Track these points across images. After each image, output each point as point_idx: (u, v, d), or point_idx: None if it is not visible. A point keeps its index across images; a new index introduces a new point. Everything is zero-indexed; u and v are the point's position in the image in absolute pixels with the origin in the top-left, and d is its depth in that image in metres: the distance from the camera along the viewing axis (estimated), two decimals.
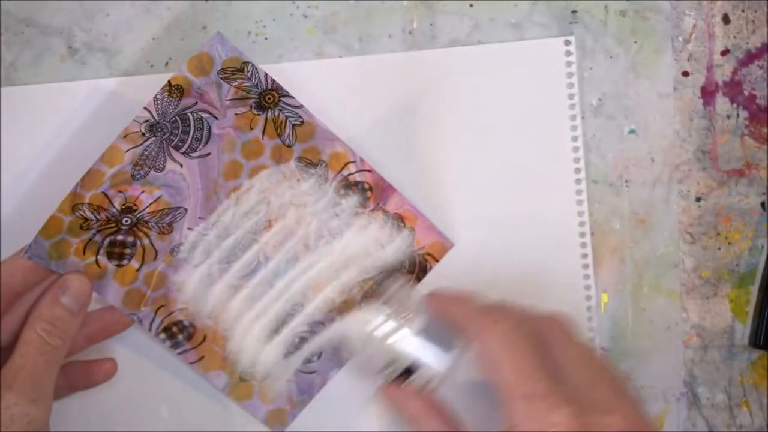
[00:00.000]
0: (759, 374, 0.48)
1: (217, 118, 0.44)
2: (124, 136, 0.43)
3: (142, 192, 0.43)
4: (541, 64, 0.46)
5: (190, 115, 0.43)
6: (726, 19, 0.47)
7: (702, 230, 0.47)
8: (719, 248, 0.48)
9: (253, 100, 0.44)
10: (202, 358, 0.44)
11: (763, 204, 0.48)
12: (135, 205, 0.43)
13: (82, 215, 0.43)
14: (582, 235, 0.46)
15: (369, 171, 0.45)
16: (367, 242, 0.45)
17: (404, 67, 0.46)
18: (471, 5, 0.46)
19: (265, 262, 0.44)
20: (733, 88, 0.47)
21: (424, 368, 0.42)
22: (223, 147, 0.44)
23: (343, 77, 0.46)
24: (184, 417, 0.46)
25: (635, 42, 0.47)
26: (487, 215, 0.46)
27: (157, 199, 0.43)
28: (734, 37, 0.47)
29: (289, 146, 0.44)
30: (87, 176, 0.43)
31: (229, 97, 0.44)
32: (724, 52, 0.47)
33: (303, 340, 0.45)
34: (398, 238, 0.45)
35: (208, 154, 0.44)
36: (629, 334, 0.47)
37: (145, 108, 0.43)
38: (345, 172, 0.45)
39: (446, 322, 0.42)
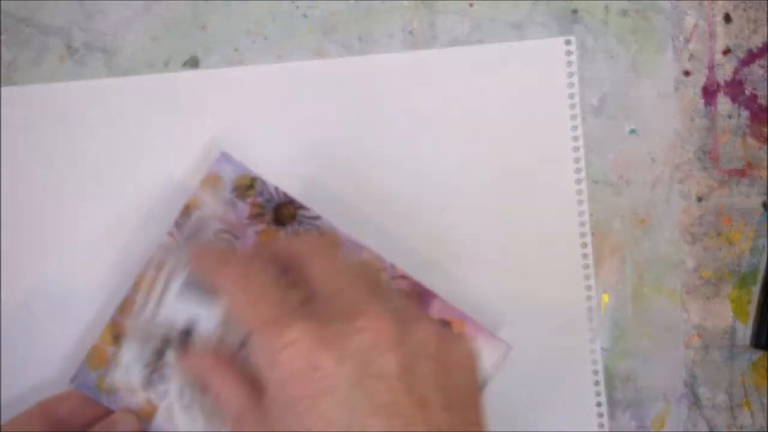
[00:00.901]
0: (760, 375, 0.48)
1: (238, 239, 0.42)
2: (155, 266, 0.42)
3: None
4: (541, 64, 0.46)
5: (213, 237, 0.42)
6: (727, 19, 0.47)
7: (703, 230, 0.47)
8: (720, 248, 0.47)
9: (270, 215, 0.43)
10: None
11: (764, 204, 0.47)
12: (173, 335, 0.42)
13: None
14: (582, 235, 0.46)
15: (403, 278, 0.43)
16: None
17: (404, 67, 0.46)
18: (471, 5, 0.46)
19: None
20: (734, 87, 0.47)
21: (201, 325, 0.40)
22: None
23: (343, 77, 0.46)
24: None
25: (636, 42, 0.47)
26: (487, 215, 0.46)
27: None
28: (735, 36, 0.47)
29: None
30: (125, 303, 0.42)
31: (246, 215, 0.43)
32: (726, 52, 0.47)
33: None
34: None
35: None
36: (629, 335, 0.47)
37: (169, 233, 0.42)
38: None
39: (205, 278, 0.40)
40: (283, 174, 0.44)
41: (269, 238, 0.42)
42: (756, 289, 0.47)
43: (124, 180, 0.46)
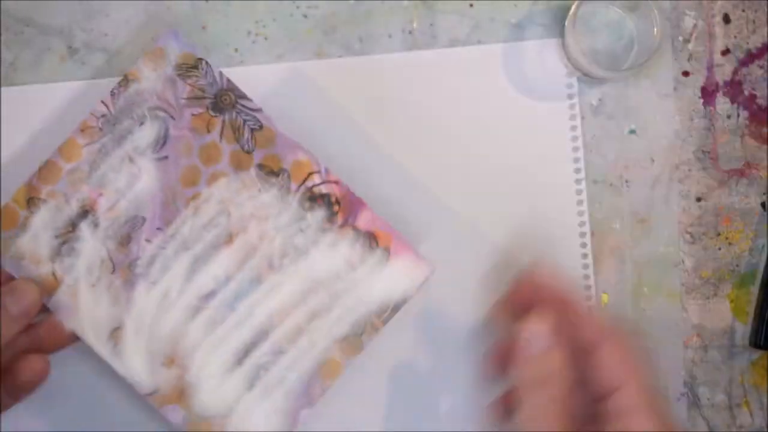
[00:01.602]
0: (759, 374, 0.48)
1: (174, 119, 0.42)
2: (82, 130, 0.42)
3: (100, 195, 0.42)
4: (540, 65, 0.46)
5: (147, 113, 0.42)
6: (726, 19, 0.47)
7: (702, 230, 0.47)
8: (719, 248, 0.48)
9: (209, 100, 0.42)
10: (156, 390, 0.41)
11: (763, 204, 0.48)
12: (93, 208, 0.42)
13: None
14: (582, 235, 0.46)
15: (335, 183, 0.42)
16: (337, 263, 0.42)
17: (404, 67, 0.46)
18: (471, 5, 0.46)
19: (226, 281, 0.42)
20: (733, 87, 0.47)
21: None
22: (180, 150, 0.42)
23: (343, 77, 0.46)
24: None
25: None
26: (487, 215, 0.46)
27: (115, 204, 0.42)
28: (735, 36, 0.47)
29: (248, 152, 0.42)
30: (45, 168, 0.41)
31: (184, 96, 0.42)
32: (725, 52, 0.47)
33: (267, 372, 0.42)
34: (371, 258, 0.42)
35: (166, 157, 0.42)
36: (629, 334, 0.47)
37: (102, 102, 0.42)
38: (309, 183, 0.42)
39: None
40: None
41: (204, 123, 0.42)
42: (755, 289, 0.48)
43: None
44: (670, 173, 0.47)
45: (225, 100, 0.42)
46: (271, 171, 0.42)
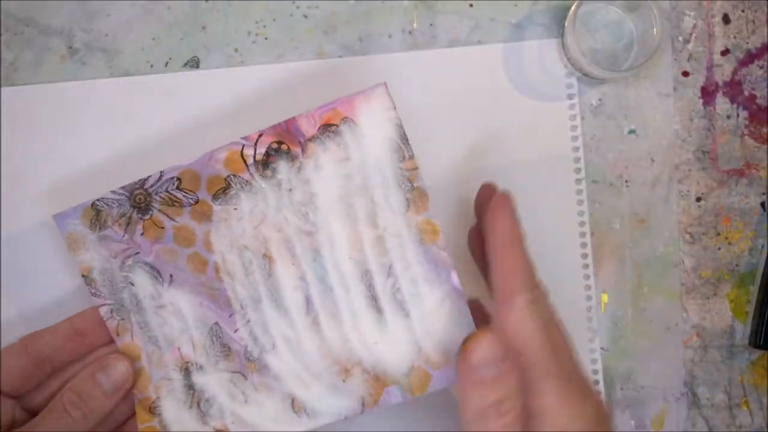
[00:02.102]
0: (759, 374, 0.48)
1: (140, 252, 0.41)
2: (118, 334, 0.42)
3: (178, 349, 0.42)
4: (540, 65, 0.46)
5: (121, 273, 0.42)
6: (726, 19, 0.47)
7: (702, 230, 0.47)
8: (719, 248, 0.48)
9: (135, 212, 0.41)
10: (361, 401, 0.41)
11: (763, 204, 0.48)
12: (186, 362, 0.42)
13: None
14: (582, 235, 0.46)
15: (261, 135, 0.41)
16: (331, 172, 0.41)
17: (404, 67, 0.46)
18: (471, 5, 0.46)
19: (303, 282, 0.41)
20: (733, 88, 0.47)
21: None
22: (169, 260, 0.41)
23: (343, 77, 0.46)
24: None
25: None
26: None
27: (191, 340, 0.42)
28: (734, 37, 0.47)
29: (195, 202, 0.41)
30: (137, 377, 0.42)
31: (122, 234, 0.41)
32: (724, 52, 0.47)
33: (400, 290, 0.41)
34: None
35: (171, 275, 0.41)
36: (629, 334, 0.47)
37: (93, 294, 0.41)
38: (249, 162, 0.41)
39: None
40: None
41: (155, 231, 0.41)
42: (755, 289, 0.48)
43: (124, 180, 0.46)
44: (670, 173, 0.47)
45: (139, 199, 0.41)
46: (221, 189, 0.41)
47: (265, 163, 0.41)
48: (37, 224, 0.45)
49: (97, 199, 0.41)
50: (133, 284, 0.41)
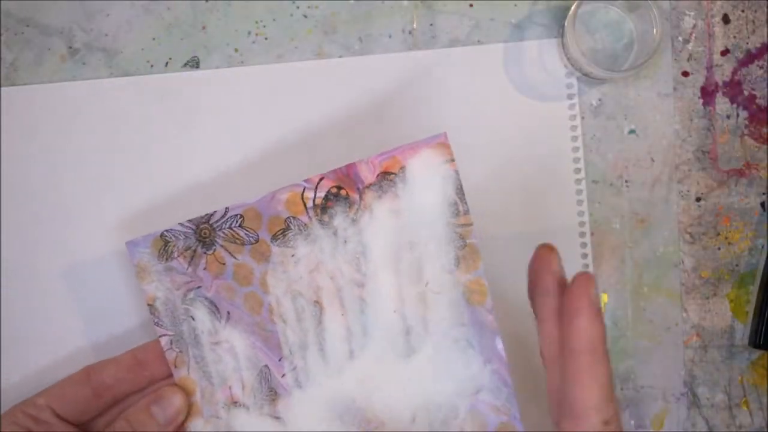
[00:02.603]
0: (759, 374, 0.48)
1: (201, 286, 0.41)
2: (176, 366, 0.42)
3: (229, 388, 0.42)
4: (540, 65, 0.46)
5: (183, 306, 0.41)
6: (726, 19, 0.47)
7: (702, 230, 0.47)
8: (719, 248, 0.48)
9: (198, 247, 0.41)
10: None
11: (763, 204, 0.48)
12: (233, 401, 0.42)
13: None
14: (582, 235, 0.46)
15: (322, 179, 0.41)
16: (385, 224, 0.41)
17: (404, 67, 0.46)
18: (471, 5, 0.47)
19: (349, 334, 0.41)
20: (733, 88, 0.47)
21: None
22: (227, 296, 0.41)
23: (343, 77, 0.46)
24: None
25: None
26: (487, 215, 0.46)
27: (241, 379, 0.42)
28: (734, 37, 0.47)
29: (255, 241, 0.41)
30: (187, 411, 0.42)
31: (186, 266, 0.41)
32: (724, 52, 0.47)
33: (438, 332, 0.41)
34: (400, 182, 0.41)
35: (228, 312, 0.41)
36: (629, 334, 0.47)
37: (156, 324, 0.41)
38: (309, 204, 0.41)
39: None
40: (282, 173, 0.44)
41: (217, 267, 0.41)
42: (754, 289, 0.48)
43: (124, 180, 0.46)
44: (670, 173, 0.47)
45: (204, 234, 0.41)
46: (280, 231, 0.41)
47: (323, 208, 0.41)
48: (37, 220, 0.45)
49: (166, 230, 0.41)
50: (193, 318, 0.41)
